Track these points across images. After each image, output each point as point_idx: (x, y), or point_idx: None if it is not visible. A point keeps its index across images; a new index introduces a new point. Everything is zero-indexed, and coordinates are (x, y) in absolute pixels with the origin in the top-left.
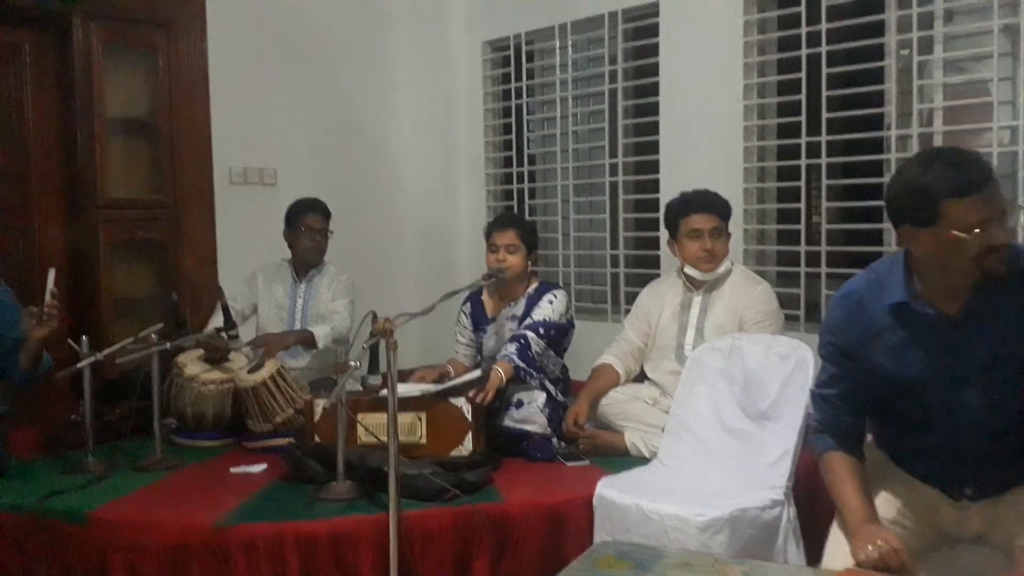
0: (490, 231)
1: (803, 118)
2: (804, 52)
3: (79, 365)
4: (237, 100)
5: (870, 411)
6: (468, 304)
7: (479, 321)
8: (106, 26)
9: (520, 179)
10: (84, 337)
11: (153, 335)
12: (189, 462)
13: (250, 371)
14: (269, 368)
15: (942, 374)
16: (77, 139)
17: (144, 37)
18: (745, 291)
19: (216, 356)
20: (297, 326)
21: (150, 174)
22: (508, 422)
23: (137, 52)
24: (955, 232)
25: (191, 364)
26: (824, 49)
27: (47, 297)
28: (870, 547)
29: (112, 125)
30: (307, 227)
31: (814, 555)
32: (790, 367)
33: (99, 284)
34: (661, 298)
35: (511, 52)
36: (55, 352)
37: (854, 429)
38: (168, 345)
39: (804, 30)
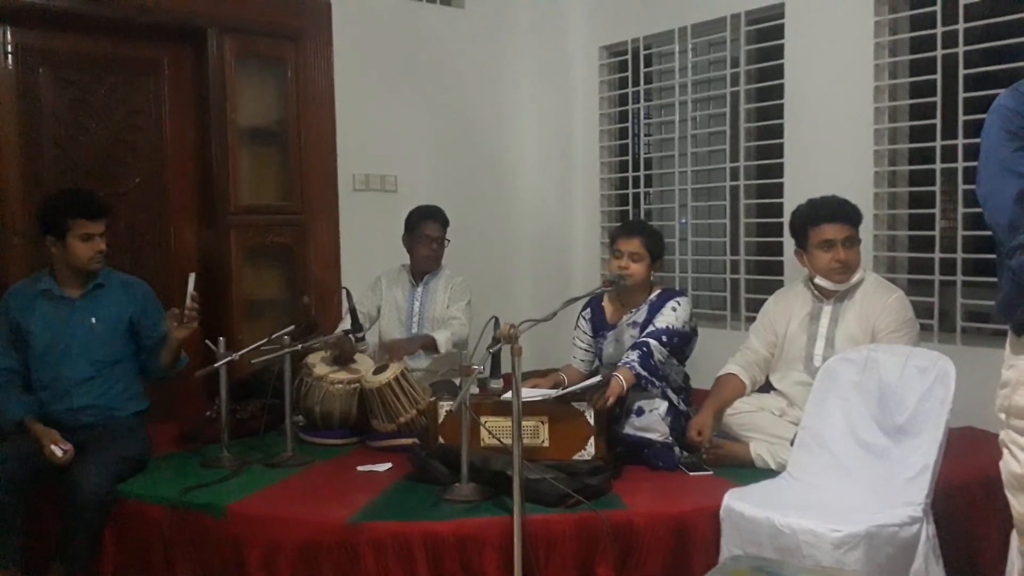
0: (615, 236)
1: (938, 120)
2: (940, 53)
3: (217, 364)
4: (361, 109)
5: None
6: (588, 309)
7: (599, 327)
8: (239, 39)
9: (636, 183)
10: (221, 338)
11: (285, 337)
12: (318, 459)
13: (375, 372)
14: (393, 370)
15: None
16: (211, 148)
17: (274, 49)
18: (878, 300)
19: (343, 358)
20: (415, 328)
21: (279, 181)
22: (629, 430)
23: (267, 64)
24: None
25: (319, 365)
26: (962, 49)
27: (187, 300)
28: None
29: (243, 134)
30: (425, 235)
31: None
32: (929, 381)
33: (231, 287)
34: (788, 307)
35: (628, 56)
36: (188, 351)
37: None
38: (300, 346)
39: (940, 30)
